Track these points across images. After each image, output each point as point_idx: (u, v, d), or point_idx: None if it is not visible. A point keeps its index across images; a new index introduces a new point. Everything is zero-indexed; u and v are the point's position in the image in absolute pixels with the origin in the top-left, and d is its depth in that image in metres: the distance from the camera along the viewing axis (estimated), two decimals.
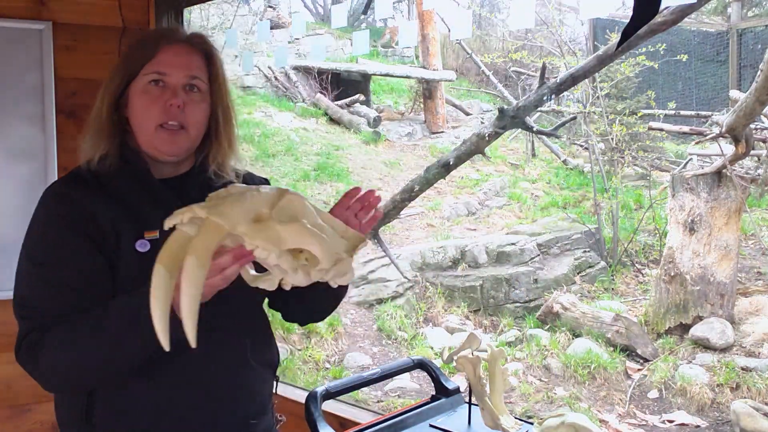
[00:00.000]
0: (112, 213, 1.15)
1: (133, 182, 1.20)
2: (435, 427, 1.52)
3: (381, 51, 14.43)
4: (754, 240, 7.31)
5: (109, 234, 1.13)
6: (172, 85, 1.18)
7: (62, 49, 2.07)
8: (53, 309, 1.10)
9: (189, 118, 1.19)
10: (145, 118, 1.18)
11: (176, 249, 0.91)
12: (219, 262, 0.95)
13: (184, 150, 1.22)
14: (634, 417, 4.80)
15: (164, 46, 1.19)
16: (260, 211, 0.93)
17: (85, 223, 1.13)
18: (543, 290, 6.70)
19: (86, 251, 1.12)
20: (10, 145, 2.03)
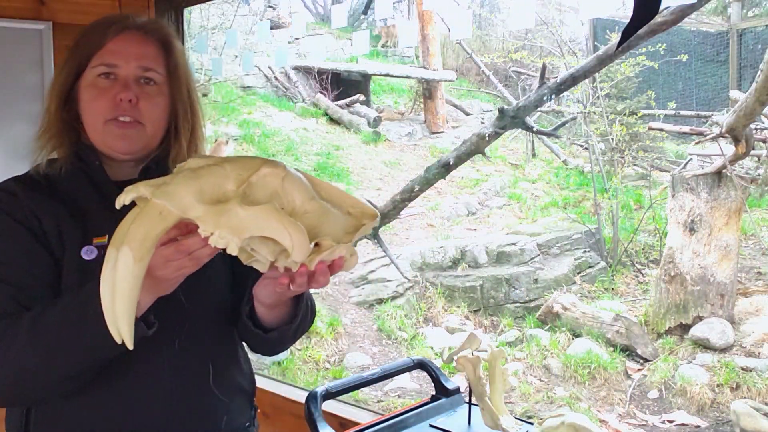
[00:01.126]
0: (57, 217, 1.04)
1: (85, 184, 1.09)
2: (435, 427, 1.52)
3: (381, 51, 14.42)
4: (754, 240, 7.30)
5: (53, 239, 1.03)
6: (123, 77, 1.06)
7: (62, 49, 2.07)
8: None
9: (144, 114, 1.07)
10: (92, 114, 1.07)
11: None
12: (187, 243, 0.82)
13: (140, 147, 1.09)
14: (634, 417, 4.80)
15: (114, 34, 1.08)
16: (225, 188, 0.78)
17: (31, 223, 1.03)
18: (543, 290, 6.69)
19: (33, 248, 1.02)
20: (10, 145, 2.03)
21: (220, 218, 0.75)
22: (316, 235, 0.82)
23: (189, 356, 1.08)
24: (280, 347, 1.20)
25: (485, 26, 14.24)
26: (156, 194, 0.76)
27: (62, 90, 1.09)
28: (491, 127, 5.59)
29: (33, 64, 2.03)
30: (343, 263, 0.85)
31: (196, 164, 0.81)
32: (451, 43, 13.18)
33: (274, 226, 0.76)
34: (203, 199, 0.77)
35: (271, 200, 0.79)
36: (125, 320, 0.79)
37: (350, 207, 0.86)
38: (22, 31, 2.02)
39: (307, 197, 0.82)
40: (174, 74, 1.11)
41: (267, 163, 0.81)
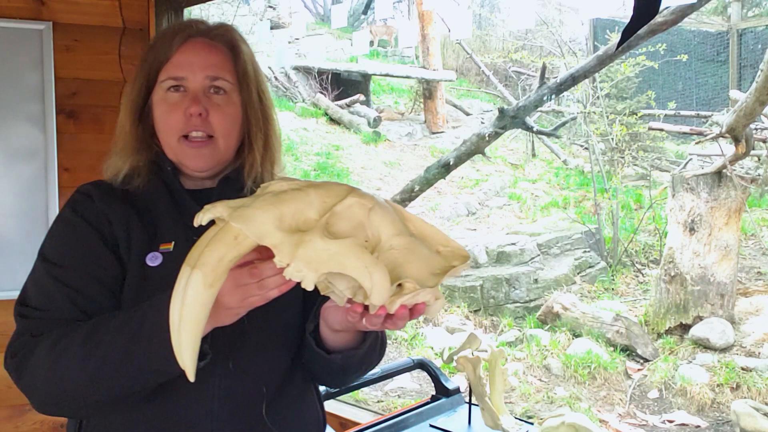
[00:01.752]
0: (128, 221, 1.03)
1: (160, 190, 1.07)
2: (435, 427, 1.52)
3: (381, 51, 14.42)
4: (754, 240, 7.30)
5: (122, 244, 1.02)
6: (192, 89, 1.03)
7: (62, 49, 2.07)
8: (55, 311, 0.96)
9: (215, 126, 1.03)
10: (166, 131, 1.05)
11: None
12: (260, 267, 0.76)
13: (213, 163, 1.06)
14: (634, 417, 4.80)
15: (178, 45, 1.04)
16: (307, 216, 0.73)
17: (103, 226, 1.02)
18: (543, 290, 6.69)
19: (100, 253, 1.00)
20: (11, 145, 2.03)
21: (297, 249, 0.70)
22: (400, 275, 0.75)
23: (242, 379, 1.01)
24: (344, 376, 1.09)
25: (485, 26, 14.24)
26: (233, 217, 0.71)
27: (135, 106, 1.07)
28: (491, 127, 5.59)
29: (33, 64, 2.03)
30: (424, 308, 0.77)
31: (279, 187, 0.76)
32: (451, 43, 13.18)
33: (355, 264, 0.70)
34: (282, 227, 0.71)
35: (356, 232, 0.74)
36: (189, 348, 0.75)
37: (440, 245, 0.79)
38: (22, 31, 2.02)
39: (395, 232, 0.76)
40: (243, 80, 1.07)
41: (354, 192, 0.75)
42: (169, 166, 1.07)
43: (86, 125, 2.11)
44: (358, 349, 0.99)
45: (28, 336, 0.95)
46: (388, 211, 0.77)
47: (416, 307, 0.77)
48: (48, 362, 0.91)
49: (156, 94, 1.05)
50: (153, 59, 1.05)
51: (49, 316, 0.96)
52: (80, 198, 1.06)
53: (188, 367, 0.75)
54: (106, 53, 2.12)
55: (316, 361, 1.04)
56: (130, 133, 1.07)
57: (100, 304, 0.97)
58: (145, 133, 1.08)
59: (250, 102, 1.07)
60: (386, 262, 0.74)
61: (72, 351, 0.90)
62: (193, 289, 0.73)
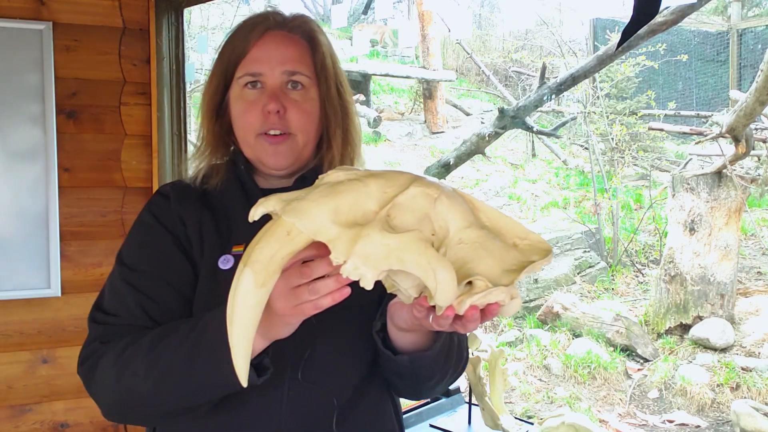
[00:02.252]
0: (202, 223, 1.01)
1: (236, 190, 1.04)
2: (435, 427, 1.52)
3: (381, 51, 14.43)
4: (754, 240, 7.30)
5: (196, 246, 1.00)
6: (269, 86, 1.00)
7: (62, 49, 2.07)
8: (126, 317, 0.95)
9: (293, 123, 1.00)
10: (243, 128, 1.02)
11: None
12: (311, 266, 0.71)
13: (291, 161, 1.02)
14: (634, 417, 4.80)
15: (255, 39, 1.01)
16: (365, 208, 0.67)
17: (177, 228, 1.01)
18: (543, 290, 6.70)
19: (173, 257, 0.99)
20: (11, 145, 2.03)
21: (354, 244, 0.64)
22: (470, 272, 0.68)
23: (312, 391, 0.96)
24: (417, 384, 1.00)
25: (485, 26, 14.25)
26: (286, 211, 0.66)
27: (212, 104, 1.05)
28: (491, 127, 5.59)
29: (33, 64, 2.03)
30: (498, 309, 0.70)
31: (336, 178, 0.70)
32: (451, 43, 13.18)
33: (417, 261, 0.64)
34: (339, 220, 0.65)
35: (420, 225, 0.67)
36: (240, 351, 0.71)
37: (517, 238, 0.72)
38: (22, 31, 2.02)
39: (464, 224, 0.69)
40: (321, 73, 1.03)
41: (418, 181, 0.68)
42: (243, 165, 1.05)
43: (86, 125, 2.11)
44: (427, 351, 0.92)
45: (98, 343, 0.94)
46: (457, 201, 0.70)
47: (489, 308, 0.70)
48: (114, 371, 0.90)
49: (233, 91, 1.03)
50: (230, 54, 1.02)
51: (120, 323, 0.95)
52: (157, 199, 1.05)
53: (240, 371, 0.72)
54: (106, 53, 2.12)
55: (384, 364, 0.97)
56: (208, 130, 1.05)
57: (172, 311, 0.96)
58: (223, 130, 1.06)
59: (329, 96, 1.03)
60: (455, 257, 0.68)
61: (137, 361, 0.89)
62: (243, 289, 0.68)
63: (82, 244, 2.09)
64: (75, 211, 2.09)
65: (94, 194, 2.11)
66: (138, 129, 2.16)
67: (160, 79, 2.15)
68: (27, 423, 2.06)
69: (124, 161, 2.14)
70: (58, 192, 2.05)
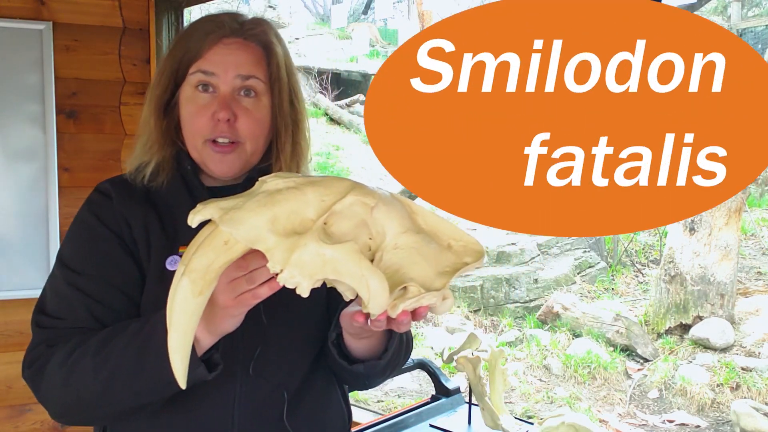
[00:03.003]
0: (147, 223, 1.00)
1: (180, 188, 1.03)
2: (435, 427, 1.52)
3: (381, 51, 14.43)
4: (754, 240, 7.30)
5: (142, 247, 0.99)
6: (221, 91, 0.99)
7: (62, 49, 2.07)
8: (72, 320, 0.95)
9: (242, 131, 0.99)
10: (191, 131, 1.00)
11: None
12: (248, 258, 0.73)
13: (238, 169, 1.01)
14: (634, 417, 4.80)
15: (211, 45, 0.99)
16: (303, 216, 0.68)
17: (121, 229, 0.99)
18: (543, 290, 6.70)
19: (118, 258, 0.98)
20: (11, 145, 2.03)
21: (291, 254, 0.65)
22: (403, 278, 0.70)
23: (262, 385, 0.98)
24: (368, 381, 1.05)
25: None
26: (224, 221, 0.67)
27: (160, 102, 1.03)
28: None
29: (33, 64, 2.03)
30: (427, 311, 0.73)
31: (274, 186, 0.71)
32: None
33: (351, 271, 0.66)
34: (276, 229, 0.66)
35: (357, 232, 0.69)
36: (179, 356, 0.73)
37: (452, 240, 0.74)
38: (22, 31, 2.02)
39: (400, 230, 0.71)
40: (275, 81, 1.02)
41: (355, 189, 0.70)
42: (189, 165, 1.03)
43: (86, 125, 2.11)
44: (380, 359, 0.96)
45: (44, 346, 0.94)
46: (394, 207, 0.72)
47: (418, 311, 0.73)
48: (62, 374, 0.90)
49: (184, 91, 1.01)
50: (183, 54, 1.01)
51: (65, 326, 0.95)
52: (99, 198, 1.03)
53: (178, 375, 0.74)
54: (106, 53, 2.12)
55: (338, 370, 1.02)
56: (155, 127, 1.03)
57: (119, 313, 0.96)
58: (170, 127, 1.04)
59: (281, 106, 1.02)
60: (390, 263, 0.71)
61: (84, 363, 0.89)
62: (180, 297, 0.70)
63: None
64: (75, 211, 2.08)
65: None
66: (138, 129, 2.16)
67: None
68: (27, 423, 2.06)
69: (124, 161, 2.13)
70: (58, 192, 2.05)
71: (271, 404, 0.99)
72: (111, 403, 0.90)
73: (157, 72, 1.05)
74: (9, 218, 2.02)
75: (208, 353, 0.87)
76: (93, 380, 0.88)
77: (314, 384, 1.04)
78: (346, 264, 0.66)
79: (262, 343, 0.98)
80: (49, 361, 0.92)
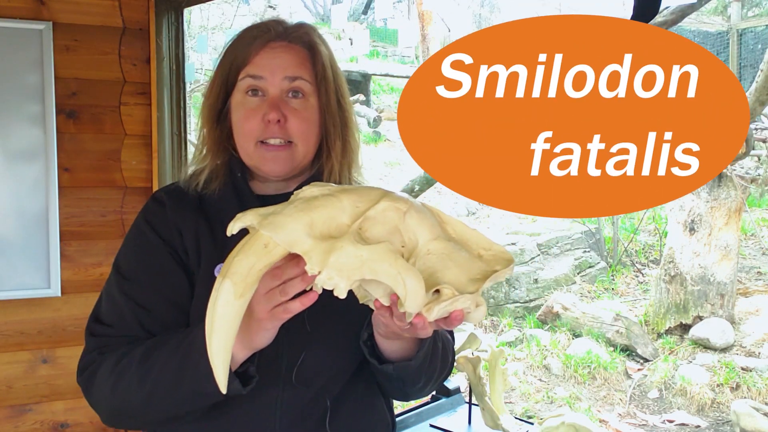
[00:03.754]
0: (198, 232, 1.02)
1: (232, 197, 1.05)
2: (435, 427, 1.52)
3: (381, 51, 14.43)
4: (754, 240, 7.30)
5: (192, 255, 1.01)
6: (270, 94, 1.01)
7: (62, 49, 2.07)
8: (121, 328, 0.98)
9: (293, 132, 1.01)
10: (243, 136, 1.02)
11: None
12: (282, 268, 0.74)
13: (290, 169, 1.03)
14: (634, 417, 4.80)
15: (258, 50, 1.02)
16: (339, 222, 0.71)
17: (173, 238, 1.02)
18: (543, 290, 6.70)
19: (169, 268, 1.00)
20: (11, 145, 2.03)
21: (328, 256, 0.68)
22: (437, 281, 0.72)
23: (304, 392, 0.99)
24: (404, 388, 1.04)
25: (485, 26, 14.26)
26: (263, 225, 0.70)
27: (214, 110, 1.06)
28: None
29: (33, 64, 2.03)
30: (463, 315, 0.74)
31: (310, 193, 0.74)
32: None
33: (388, 271, 0.68)
34: (313, 233, 0.69)
35: (391, 238, 0.72)
36: (220, 361, 0.74)
37: (482, 249, 0.77)
38: (22, 31, 2.02)
39: (432, 236, 0.74)
40: (322, 81, 1.04)
41: (388, 196, 0.73)
42: (239, 172, 1.05)
43: (86, 125, 2.11)
44: (411, 360, 0.96)
45: (96, 353, 0.98)
46: (425, 215, 0.75)
47: (453, 315, 0.73)
48: (110, 381, 0.94)
49: (234, 98, 1.04)
50: (232, 62, 1.04)
51: (115, 333, 0.98)
52: (153, 206, 1.06)
53: (219, 380, 0.75)
54: (106, 53, 2.12)
55: (373, 371, 1.01)
56: (208, 135, 1.06)
57: (167, 322, 0.98)
58: (223, 135, 1.07)
59: (329, 105, 1.05)
60: (423, 267, 0.72)
61: (130, 372, 0.92)
62: (223, 300, 0.72)
63: (82, 244, 2.09)
64: (75, 211, 2.09)
65: (94, 194, 2.11)
66: (138, 129, 2.16)
67: (160, 79, 2.15)
68: (27, 423, 2.06)
69: (124, 161, 2.14)
70: (58, 192, 2.06)
71: (313, 411, 0.99)
72: (155, 411, 0.94)
73: (209, 81, 1.08)
74: (9, 218, 2.02)
75: (244, 366, 0.89)
76: (137, 389, 0.91)
77: (357, 391, 1.04)
78: (383, 264, 0.68)
79: (306, 350, 0.99)
80: (99, 368, 0.96)
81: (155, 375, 0.90)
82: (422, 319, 0.72)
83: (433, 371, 1.02)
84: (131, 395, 0.92)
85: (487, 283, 0.72)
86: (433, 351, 0.99)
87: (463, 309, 0.72)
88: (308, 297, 0.75)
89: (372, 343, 0.98)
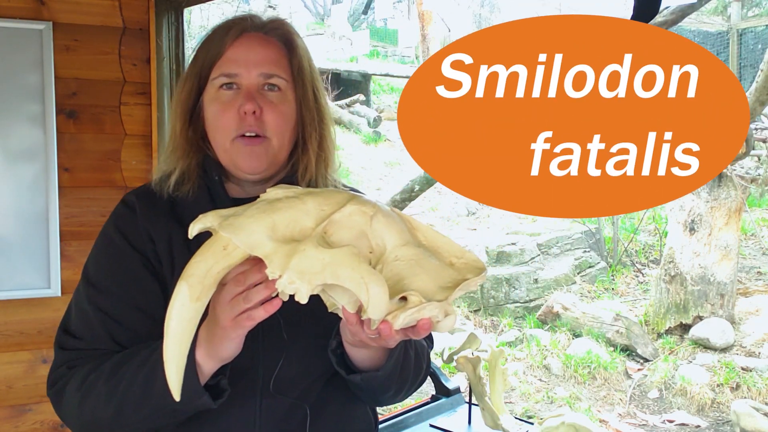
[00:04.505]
0: (171, 238, 0.98)
1: (206, 200, 1.01)
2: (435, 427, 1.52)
3: (381, 51, 14.44)
4: (754, 240, 7.30)
5: (165, 263, 0.97)
6: (245, 86, 0.97)
7: (62, 49, 2.07)
8: (91, 340, 0.95)
9: (269, 126, 0.98)
10: (219, 131, 0.98)
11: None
12: (246, 274, 0.72)
13: (266, 164, 0.99)
14: (634, 417, 4.80)
15: (231, 40, 0.98)
16: (302, 225, 0.68)
17: (145, 246, 0.98)
18: (543, 290, 6.69)
19: (141, 277, 0.97)
20: (11, 145, 2.03)
21: (290, 259, 0.65)
22: (405, 288, 0.69)
23: (284, 401, 0.97)
24: (375, 396, 1.02)
25: (485, 26, 14.26)
26: (223, 226, 0.67)
27: (186, 107, 1.01)
28: None
29: (33, 64, 2.03)
30: (431, 324, 0.71)
31: (274, 195, 0.72)
32: None
33: (350, 275, 0.64)
34: (275, 236, 0.66)
35: (357, 242, 0.69)
36: (173, 365, 0.71)
37: (454, 257, 0.74)
38: (22, 31, 2.02)
39: (400, 242, 0.71)
40: (298, 76, 1.01)
41: (354, 200, 0.70)
42: (216, 175, 1.01)
43: (86, 125, 2.11)
44: (378, 371, 0.93)
45: (65, 368, 0.95)
46: (394, 220, 0.72)
47: (421, 324, 0.71)
48: (78, 396, 0.91)
49: (207, 93, 1.00)
50: (205, 56, 1.00)
51: (84, 346, 0.95)
52: (123, 211, 1.02)
53: (172, 385, 0.72)
54: (106, 53, 2.12)
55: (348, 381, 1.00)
56: (180, 134, 1.02)
57: (139, 335, 0.94)
58: (196, 134, 1.03)
59: (305, 100, 1.02)
60: (391, 273, 0.70)
61: (98, 387, 0.90)
62: (179, 302, 0.69)
63: (82, 244, 2.09)
64: (75, 211, 2.09)
65: (94, 194, 2.11)
66: (138, 129, 2.16)
67: (160, 79, 2.15)
68: (27, 423, 2.06)
69: (124, 161, 2.14)
70: (58, 192, 2.05)
71: (293, 418, 0.97)
72: (124, 426, 0.91)
73: (181, 77, 1.04)
74: (9, 218, 2.02)
75: (215, 379, 0.87)
76: (106, 405, 0.89)
77: (336, 394, 1.02)
78: (345, 268, 0.65)
79: (284, 358, 0.96)
80: (68, 383, 0.93)
81: (123, 390, 0.87)
82: (388, 327, 0.69)
83: (404, 381, 1.00)
84: (100, 411, 0.89)
85: (458, 292, 0.69)
86: (404, 360, 0.97)
87: (431, 317, 0.69)
88: (272, 304, 0.73)
89: (341, 352, 0.96)
